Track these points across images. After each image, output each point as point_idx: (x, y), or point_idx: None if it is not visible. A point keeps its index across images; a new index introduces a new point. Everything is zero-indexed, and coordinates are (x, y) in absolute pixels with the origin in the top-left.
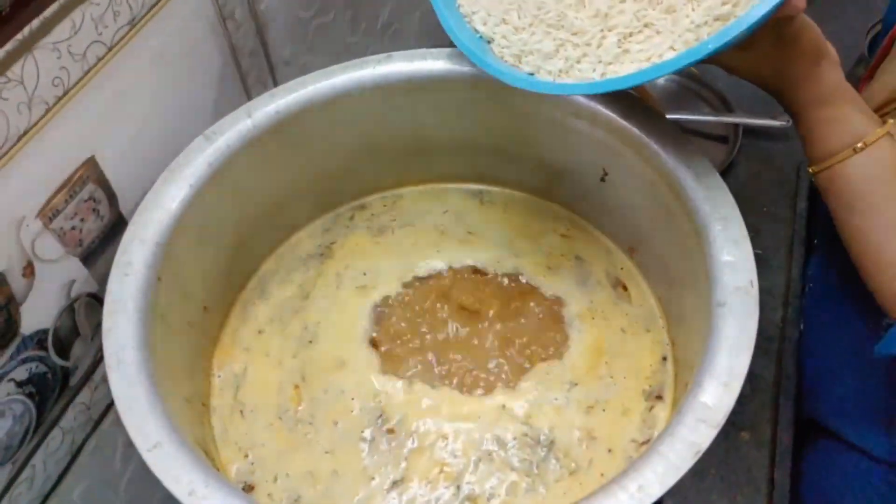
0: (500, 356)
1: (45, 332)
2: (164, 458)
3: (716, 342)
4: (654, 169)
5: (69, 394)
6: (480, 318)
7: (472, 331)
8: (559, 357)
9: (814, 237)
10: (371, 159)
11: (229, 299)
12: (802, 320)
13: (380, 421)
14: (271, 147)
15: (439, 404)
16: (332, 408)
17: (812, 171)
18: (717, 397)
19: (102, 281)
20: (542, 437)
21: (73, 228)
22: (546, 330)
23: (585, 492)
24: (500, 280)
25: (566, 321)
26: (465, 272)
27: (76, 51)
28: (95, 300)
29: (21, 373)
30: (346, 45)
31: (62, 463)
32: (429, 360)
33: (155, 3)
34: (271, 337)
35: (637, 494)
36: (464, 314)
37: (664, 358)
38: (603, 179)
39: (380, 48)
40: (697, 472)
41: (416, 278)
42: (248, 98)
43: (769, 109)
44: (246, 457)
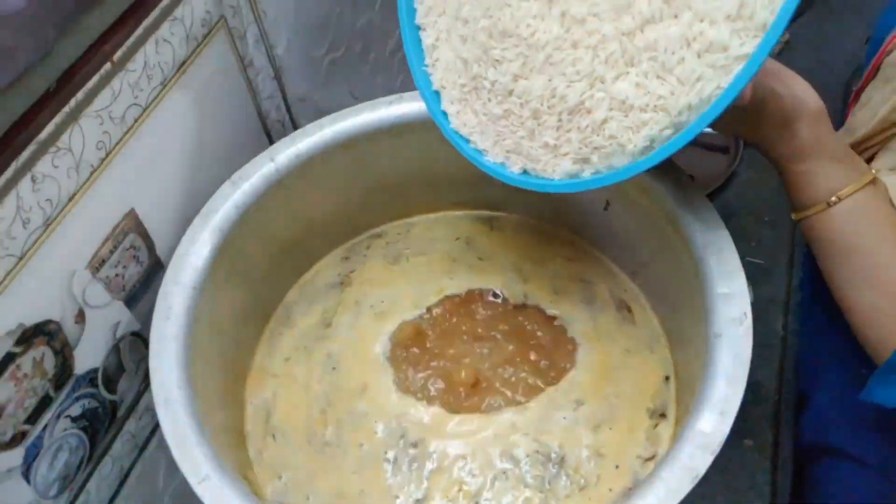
0: (511, 376)
1: (95, 370)
2: (213, 489)
3: (713, 372)
4: (653, 202)
5: (117, 425)
6: (491, 340)
7: (483, 352)
8: (567, 377)
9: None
10: (386, 192)
11: (258, 330)
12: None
13: (402, 442)
14: (293, 188)
15: (456, 424)
16: (357, 430)
17: (794, 217)
18: (713, 425)
19: (143, 320)
20: (553, 455)
21: (116, 275)
22: (554, 350)
23: None
24: (509, 303)
25: (573, 342)
26: (476, 296)
27: (116, 115)
28: (138, 338)
29: (76, 409)
30: (359, 74)
31: (112, 487)
32: (443, 381)
33: (184, 62)
34: (297, 364)
35: None
36: (476, 336)
37: (667, 378)
38: (606, 209)
39: (389, 75)
40: (702, 479)
41: (431, 304)
42: (268, 135)
43: None
44: (280, 478)
